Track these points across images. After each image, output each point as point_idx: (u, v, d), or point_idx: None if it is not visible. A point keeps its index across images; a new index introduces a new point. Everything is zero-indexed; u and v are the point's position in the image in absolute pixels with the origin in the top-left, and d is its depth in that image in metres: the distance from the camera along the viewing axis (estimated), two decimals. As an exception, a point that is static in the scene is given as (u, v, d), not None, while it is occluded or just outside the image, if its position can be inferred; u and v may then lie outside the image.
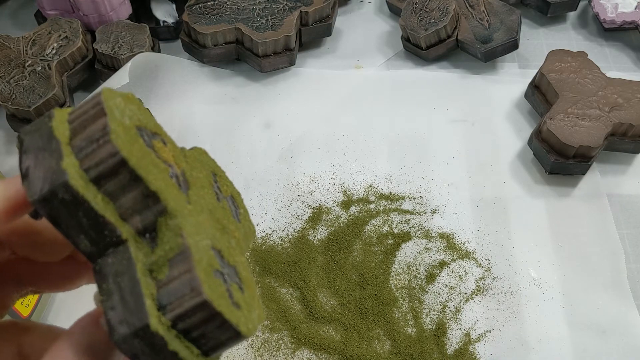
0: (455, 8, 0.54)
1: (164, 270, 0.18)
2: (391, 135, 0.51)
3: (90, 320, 0.19)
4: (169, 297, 0.18)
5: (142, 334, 0.18)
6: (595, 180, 0.48)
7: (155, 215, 0.19)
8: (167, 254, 0.19)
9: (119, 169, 0.18)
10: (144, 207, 0.19)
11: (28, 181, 0.18)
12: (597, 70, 0.49)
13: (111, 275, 0.18)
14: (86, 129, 0.19)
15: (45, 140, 0.18)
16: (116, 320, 0.18)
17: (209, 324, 0.18)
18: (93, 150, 0.18)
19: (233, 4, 0.54)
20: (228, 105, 0.53)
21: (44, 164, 0.18)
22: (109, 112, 0.19)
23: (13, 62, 0.50)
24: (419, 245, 0.44)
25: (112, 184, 0.19)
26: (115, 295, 0.18)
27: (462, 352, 0.39)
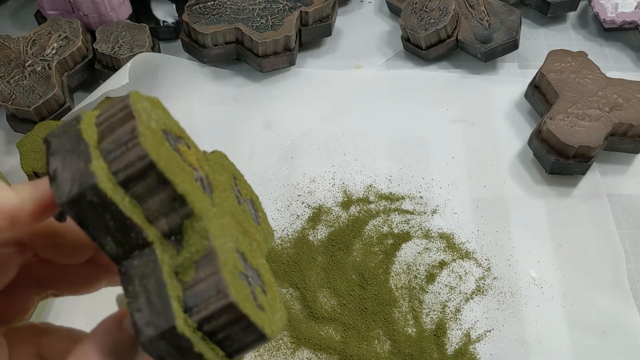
0: (455, 8, 0.54)
1: (190, 273, 0.19)
2: (391, 135, 0.51)
3: (114, 322, 0.19)
4: (195, 299, 0.18)
5: (169, 335, 0.18)
6: (595, 180, 0.48)
7: (182, 218, 0.19)
8: (193, 256, 0.19)
9: (148, 172, 0.19)
10: (171, 209, 0.19)
11: (56, 183, 0.18)
12: (597, 70, 0.49)
13: (137, 277, 0.19)
14: (114, 132, 0.19)
15: (73, 143, 0.19)
16: (142, 322, 0.18)
17: (235, 326, 0.18)
18: (122, 153, 0.18)
19: (233, 4, 0.54)
20: (228, 105, 0.53)
21: (72, 166, 0.18)
22: (137, 115, 0.19)
23: (13, 62, 0.50)
24: (419, 245, 0.44)
25: (140, 187, 0.19)
26: (141, 297, 0.18)
27: (462, 352, 0.39)
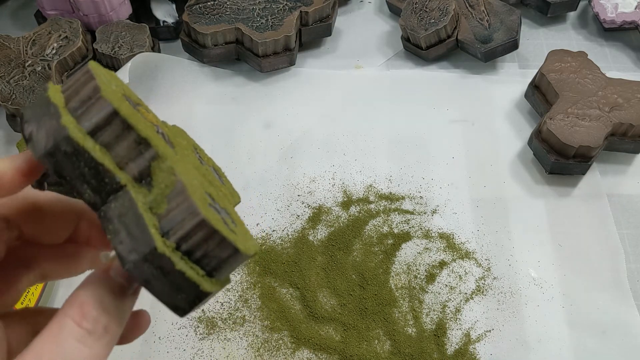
0: (455, 8, 0.54)
1: (162, 206, 0.20)
2: (391, 135, 0.51)
3: (101, 273, 0.21)
4: (171, 223, 0.20)
5: (151, 257, 0.19)
6: (595, 180, 0.48)
7: (149, 161, 0.21)
8: (163, 191, 0.21)
9: (112, 119, 0.20)
10: (138, 154, 0.21)
11: (32, 142, 0.20)
12: (597, 70, 0.49)
13: (115, 217, 0.20)
14: (79, 93, 0.21)
15: (44, 108, 0.20)
16: (125, 251, 0.20)
17: (209, 241, 0.20)
18: (87, 108, 0.20)
19: (233, 4, 0.54)
20: (228, 105, 0.53)
21: (45, 125, 0.20)
22: (96, 76, 0.21)
23: (13, 62, 0.50)
24: (419, 245, 0.44)
25: (107, 135, 0.21)
26: (122, 232, 0.20)
27: (462, 352, 0.39)
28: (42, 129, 0.20)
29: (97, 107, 0.20)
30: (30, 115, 0.21)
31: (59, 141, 0.20)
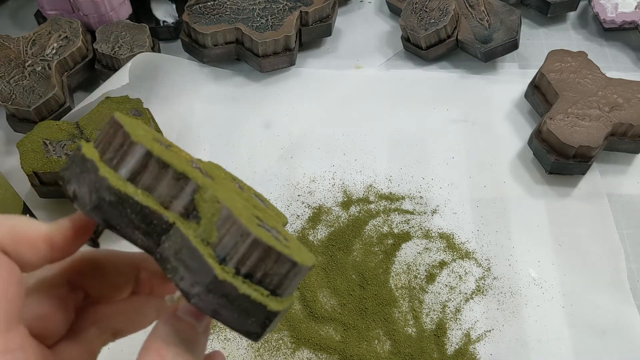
0: (455, 8, 0.54)
1: (213, 234, 0.20)
2: (391, 135, 0.51)
3: (170, 316, 0.22)
4: (225, 249, 0.20)
5: (213, 286, 0.20)
6: (595, 180, 0.48)
7: (191, 195, 0.21)
8: (211, 220, 0.21)
9: (147, 161, 0.21)
10: (179, 190, 0.21)
11: (78, 200, 0.21)
12: (597, 70, 0.49)
13: (172, 255, 0.20)
14: (111, 144, 0.21)
15: (81, 166, 0.21)
16: (188, 286, 0.20)
17: (266, 260, 0.20)
18: (122, 155, 0.21)
19: (233, 4, 0.54)
20: (228, 105, 0.53)
21: (85, 181, 0.21)
22: (124, 125, 0.21)
23: (13, 62, 0.50)
24: (419, 245, 0.44)
25: (145, 177, 0.21)
26: (180, 269, 0.20)
27: (462, 352, 0.39)
28: (84, 185, 0.21)
29: (131, 152, 0.21)
30: (70, 175, 0.21)
31: (102, 192, 0.20)
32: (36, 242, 0.21)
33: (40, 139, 0.44)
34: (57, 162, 0.43)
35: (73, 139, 0.45)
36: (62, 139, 0.45)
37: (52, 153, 0.44)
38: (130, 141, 0.21)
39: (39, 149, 0.44)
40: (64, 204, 0.47)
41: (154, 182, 0.21)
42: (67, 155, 0.44)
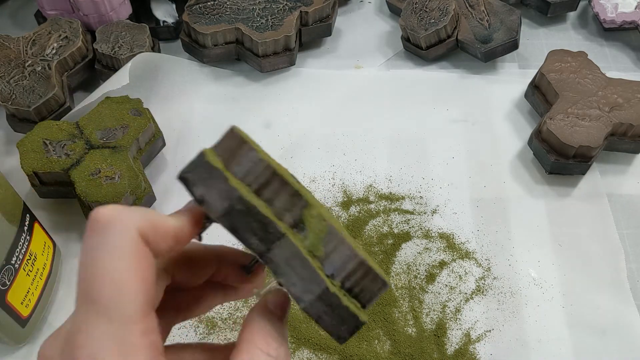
0: (455, 8, 0.54)
1: (320, 249, 0.24)
2: (391, 135, 0.51)
3: (264, 307, 0.26)
4: (334, 265, 0.24)
5: (324, 296, 0.24)
6: (595, 180, 0.48)
7: (301, 209, 0.25)
8: (318, 235, 0.24)
9: (272, 179, 0.24)
10: (292, 205, 0.25)
11: (207, 205, 0.24)
12: (597, 70, 0.49)
13: (282, 261, 0.24)
14: (236, 158, 0.24)
15: (208, 172, 0.24)
16: (299, 292, 0.24)
17: (365, 279, 0.24)
18: (249, 170, 0.24)
19: (233, 4, 0.54)
20: (228, 105, 0.53)
21: (215, 188, 0.24)
22: (247, 140, 0.25)
23: (13, 62, 0.50)
24: (419, 245, 0.44)
25: (268, 192, 0.24)
26: (292, 275, 0.24)
27: (462, 352, 0.39)
28: (213, 191, 0.24)
29: (259, 169, 0.24)
30: (195, 179, 0.24)
31: (233, 202, 0.23)
32: (168, 235, 0.23)
33: (40, 139, 0.44)
34: (57, 162, 0.43)
35: (73, 139, 0.45)
36: (62, 139, 0.45)
37: (52, 153, 0.44)
38: (259, 159, 0.24)
39: (39, 149, 0.44)
40: (64, 204, 0.47)
41: (273, 197, 0.24)
42: (67, 155, 0.44)
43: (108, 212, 0.22)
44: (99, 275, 0.21)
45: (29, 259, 0.38)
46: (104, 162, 0.43)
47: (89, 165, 0.43)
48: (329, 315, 0.24)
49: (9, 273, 0.36)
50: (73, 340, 0.21)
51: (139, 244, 0.22)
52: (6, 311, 0.36)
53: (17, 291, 0.37)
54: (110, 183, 0.42)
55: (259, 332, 0.25)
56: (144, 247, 0.22)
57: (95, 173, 0.43)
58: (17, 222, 0.37)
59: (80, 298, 0.22)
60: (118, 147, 0.44)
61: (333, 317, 0.24)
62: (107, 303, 0.21)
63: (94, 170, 0.43)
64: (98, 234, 0.22)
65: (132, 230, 0.22)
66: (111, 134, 0.45)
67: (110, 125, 0.45)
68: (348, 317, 0.24)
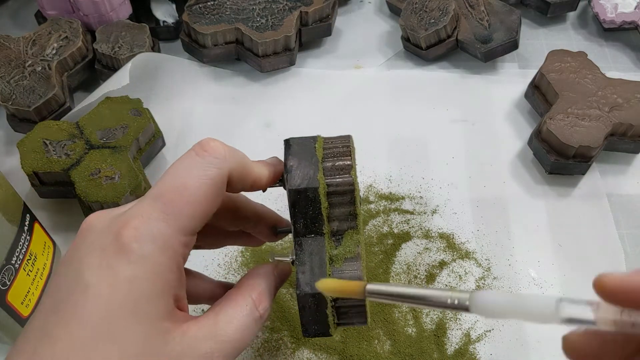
0: (455, 8, 0.54)
1: (339, 263, 0.28)
2: (391, 135, 0.51)
3: (270, 270, 0.30)
4: (341, 279, 0.27)
5: (317, 297, 0.27)
6: (595, 180, 0.48)
7: (347, 227, 0.29)
8: (345, 254, 0.28)
9: (346, 193, 0.28)
10: (345, 219, 0.29)
11: (290, 175, 0.28)
12: (597, 70, 0.49)
13: (307, 251, 0.28)
14: (336, 159, 0.29)
15: (308, 154, 0.29)
16: (304, 281, 0.28)
17: (354, 309, 0.28)
18: (337, 175, 0.28)
19: (233, 4, 0.54)
20: (228, 105, 0.53)
21: (304, 169, 0.28)
22: (352, 154, 0.29)
23: (13, 62, 0.50)
24: (419, 245, 0.44)
25: (336, 199, 0.28)
26: (307, 265, 0.28)
27: (462, 352, 0.39)
28: (301, 169, 0.28)
29: (344, 181, 0.28)
30: (295, 151, 0.29)
31: (310, 188, 0.28)
32: (249, 179, 0.28)
33: (40, 139, 0.44)
34: (57, 162, 0.43)
35: (73, 139, 0.45)
36: (62, 139, 0.45)
37: (52, 153, 0.44)
38: (349, 173, 0.28)
39: (39, 149, 0.44)
40: (64, 204, 0.47)
41: (337, 205, 0.28)
42: (67, 155, 0.44)
43: (219, 147, 0.27)
44: (177, 183, 0.26)
45: (29, 259, 0.38)
46: (104, 162, 0.43)
47: (89, 165, 0.43)
48: (311, 312, 0.28)
49: (9, 273, 0.36)
50: (126, 220, 0.25)
51: (223, 178, 0.27)
52: (6, 311, 0.36)
53: (17, 291, 0.37)
54: (110, 183, 0.42)
55: (259, 286, 0.28)
56: (223, 184, 0.27)
57: (95, 173, 0.43)
58: (17, 222, 0.37)
59: (151, 194, 0.26)
60: (118, 147, 0.44)
61: (312, 315, 0.28)
62: (172, 204, 0.25)
63: (94, 170, 0.43)
64: (202, 158, 0.27)
65: (224, 169, 0.27)
66: (111, 134, 0.45)
67: (110, 125, 0.45)
68: (322, 323, 0.28)
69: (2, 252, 0.35)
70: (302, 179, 0.28)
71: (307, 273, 0.27)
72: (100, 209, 0.43)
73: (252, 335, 0.27)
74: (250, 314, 0.27)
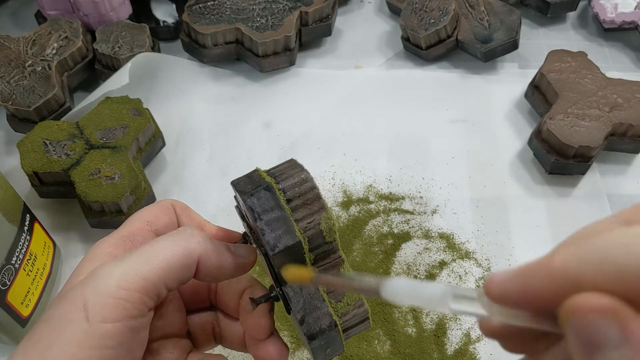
0: (455, 8, 0.54)
1: (343, 309, 0.27)
2: (391, 135, 0.51)
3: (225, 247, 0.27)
4: (349, 318, 0.27)
5: (328, 333, 0.27)
6: (595, 180, 0.48)
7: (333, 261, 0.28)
8: (349, 305, 0.27)
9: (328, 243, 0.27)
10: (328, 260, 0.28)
11: (265, 245, 0.25)
12: (597, 70, 0.49)
13: (303, 300, 0.27)
14: (306, 207, 0.27)
15: (273, 208, 0.26)
16: (272, 239, 0.25)
17: (360, 323, 0.28)
18: (312, 224, 0.26)
19: (233, 4, 0.54)
20: (228, 105, 0.53)
21: (277, 228, 0.25)
22: (326, 208, 0.27)
23: (13, 62, 0.50)
24: (419, 245, 0.44)
25: (319, 251, 0.27)
26: (300, 304, 0.27)
27: (462, 352, 0.39)
28: (275, 231, 0.25)
29: (318, 236, 0.27)
30: (260, 210, 0.26)
31: (291, 246, 0.25)
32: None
33: (40, 139, 0.44)
34: (57, 162, 0.43)
35: (73, 139, 0.45)
36: (62, 139, 0.45)
37: (52, 153, 0.44)
38: (319, 222, 0.27)
39: (39, 149, 0.44)
40: (64, 204, 0.47)
41: (321, 255, 0.27)
42: (67, 155, 0.44)
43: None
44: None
45: (29, 259, 0.38)
46: (104, 162, 0.43)
47: (89, 165, 0.43)
48: (322, 348, 0.27)
49: (9, 273, 0.36)
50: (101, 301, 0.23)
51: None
52: (6, 311, 0.36)
53: (17, 291, 0.37)
54: (110, 183, 0.42)
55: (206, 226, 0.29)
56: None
57: (95, 173, 0.43)
58: (17, 222, 0.37)
59: None
60: (118, 147, 0.44)
61: (328, 345, 0.27)
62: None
63: (94, 170, 0.43)
64: None
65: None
66: (111, 134, 0.45)
67: (110, 125, 0.45)
68: (338, 346, 0.28)
69: (2, 252, 0.35)
70: (276, 240, 0.25)
71: (306, 314, 0.26)
72: (101, 209, 0.43)
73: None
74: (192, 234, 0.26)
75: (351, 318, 0.27)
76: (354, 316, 0.27)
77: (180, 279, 0.25)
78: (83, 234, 0.45)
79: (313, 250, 0.27)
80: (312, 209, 0.26)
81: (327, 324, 0.26)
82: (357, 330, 0.28)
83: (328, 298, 0.27)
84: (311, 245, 0.26)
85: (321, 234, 0.26)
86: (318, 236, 0.26)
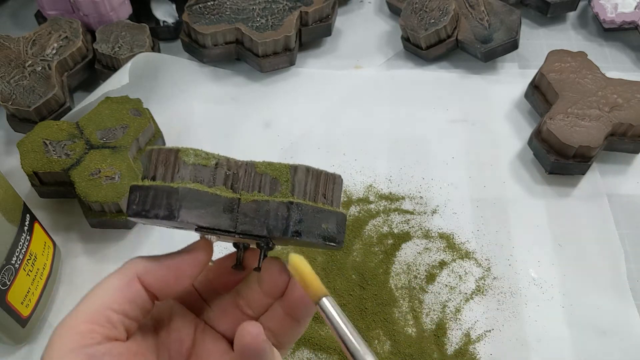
0: (455, 8, 0.54)
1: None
2: (391, 135, 0.51)
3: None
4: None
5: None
6: (595, 180, 0.48)
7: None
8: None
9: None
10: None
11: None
12: (597, 70, 0.49)
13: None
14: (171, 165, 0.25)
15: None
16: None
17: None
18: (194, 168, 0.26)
19: (233, 4, 0.54)
20: (228, 105, 0.53)
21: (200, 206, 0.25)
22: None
23: (13, 62, 0.50)
24: (419, 245, 0.44)
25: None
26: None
27: (462, 352, 0.39)
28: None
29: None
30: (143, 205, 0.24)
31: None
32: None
33: (40, 139, 0.44)
34: (57, 162, 0.43)
35: (73, 139, 0.45)
36: (62, 139, 0.45)
37: (52, 153, 0.44)
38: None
39: (39, 149, 0.44)
40: (64, 204, 0.47)
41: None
42: (67, 155, 0.44)
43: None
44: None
45: (29, 259, 0.38)
46: (104, 162, 0.43)
47: (89, 165, 0.43)
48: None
49: (9, 273, 0.36)
50: None
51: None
52: (6, 311, 0.36)
53: (17, 291, 0.37)
54: (110, 183, 0.42)
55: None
56: None
57: (95, 173, 0.43)
58: (17, 222, 0.37)
59: None
60: (118, 147, 0.44)
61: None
62: None
63: (94, 170, 0.43)
64: None
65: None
66: (111, 134, 0.45)
67: (110, 125, 0.45)
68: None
69: (2, 252, 0.35)
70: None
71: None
72: (101, 209, 0.43)
73: None
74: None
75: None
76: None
77: (128, 298, 0.25)
78: (83, 234, 0.45)
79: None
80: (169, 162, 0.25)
81: (285, 209, 0.26)
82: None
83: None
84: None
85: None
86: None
